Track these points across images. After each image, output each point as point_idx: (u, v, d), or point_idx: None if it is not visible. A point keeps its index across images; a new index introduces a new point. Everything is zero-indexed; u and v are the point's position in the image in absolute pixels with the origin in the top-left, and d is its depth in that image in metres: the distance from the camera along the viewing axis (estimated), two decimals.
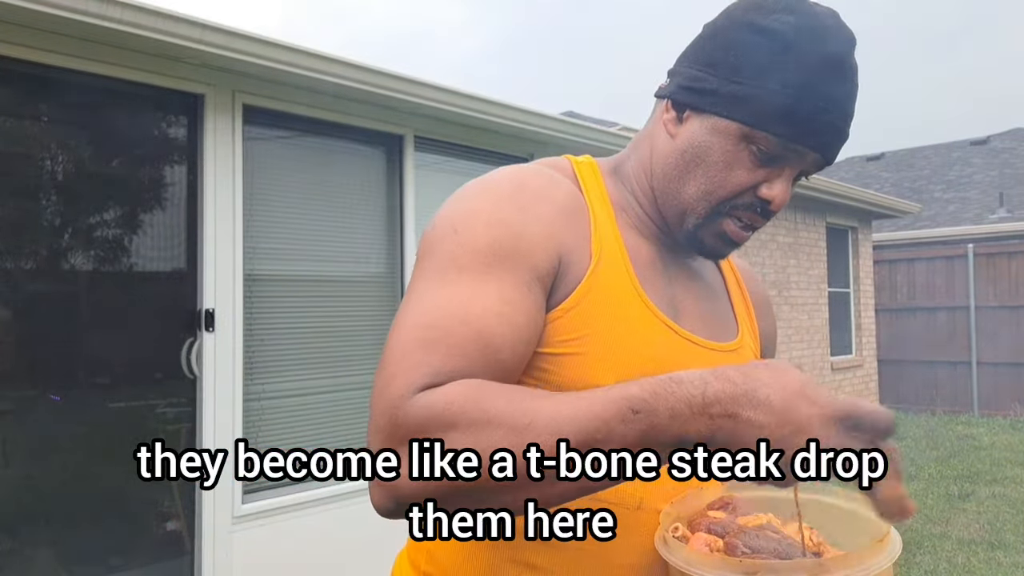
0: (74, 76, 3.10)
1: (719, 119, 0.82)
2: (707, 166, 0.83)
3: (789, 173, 0.83)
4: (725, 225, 0.85)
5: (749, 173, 0.82)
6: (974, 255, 10.24)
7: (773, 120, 0.79)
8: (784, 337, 8.36)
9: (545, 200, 0.82)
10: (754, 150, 0.81)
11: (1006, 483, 6.26)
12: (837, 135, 0.81)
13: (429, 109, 4.10)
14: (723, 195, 0.83)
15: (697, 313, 0.91)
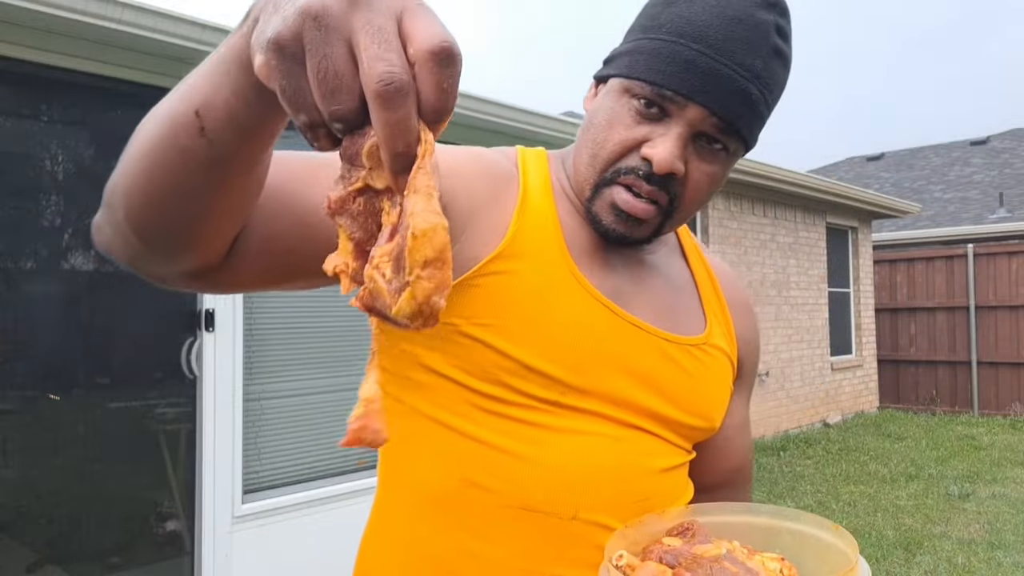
0: (74, 76, 3.10)
1: (610, 80, 0.78)
2: (594, 129, 0.78)
3: (678, 132, 0.74)
4: (615, 194, 0.77)
5: (628, 130, 0.75)
6: (974, 255, 10.24)
7: (644, 68, 0.74)
8: (784, 337, 8.36)
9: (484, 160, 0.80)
10: (634, 104, 0.75)
11: (1006, 483, 6.26)
12: (723, 86, 0.72)
13: None
14: (605, 156, 0.77)
15: (648, 304, 0.83)
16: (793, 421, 8.48)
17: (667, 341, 0.82)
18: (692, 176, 0.76)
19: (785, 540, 0.71)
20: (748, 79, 0.73)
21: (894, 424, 9.21)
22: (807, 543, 0.71)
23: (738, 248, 7.71)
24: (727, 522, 0.74)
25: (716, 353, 0.87)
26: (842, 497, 5.86)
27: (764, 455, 7.29)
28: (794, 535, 0.71)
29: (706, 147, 0.76)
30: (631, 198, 0.76)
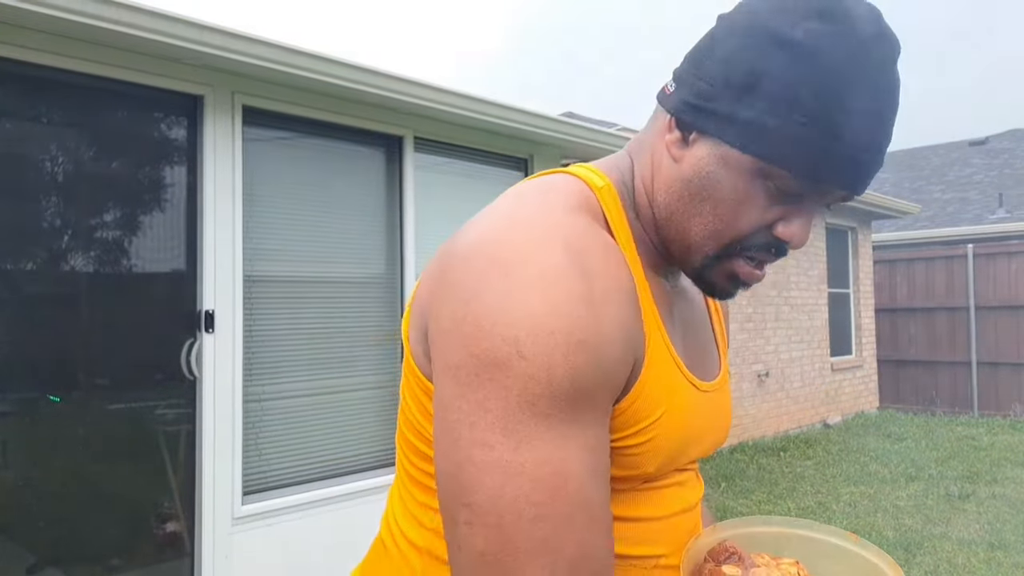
0: (74, 76, 3.10)
1: (730, 149, 0.69)
2: (715, 202, 0.71)
3: (811, 211, 0.72)
4: (736, 266, 0.74)
5: (763, 212, 0.70)
6: (974, 255, 10.24)
7: (795, 159, 0.67)
8: (784, 338, 8.36)
9: (613, 289, 0.64)
10: (771, 187, 0.69)
11: (1006, 483, 6.26)
12: (870, 171, 0.69)
13: (429, 110, 4.10)
14: (733, 235, 0.72)
15: (697, 352, 0.84)
16: (793, 421, 8.48)
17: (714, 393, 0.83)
18: None
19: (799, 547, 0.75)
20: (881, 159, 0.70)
21: (894, 425, 9.21)
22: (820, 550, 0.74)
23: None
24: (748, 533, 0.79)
25: (727, 381, 0.90)
26: (842, 498, 5.85)
27: (764, 455, 7.29)
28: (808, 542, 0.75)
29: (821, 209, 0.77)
30: (754, 270, 0.74)
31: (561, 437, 0.60)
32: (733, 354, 7.59)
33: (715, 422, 0.84)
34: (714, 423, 0.84)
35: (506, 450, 0.59)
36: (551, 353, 0.59)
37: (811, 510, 5.51)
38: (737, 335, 7.66)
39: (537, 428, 0.59)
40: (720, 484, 6.24)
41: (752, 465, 6.89)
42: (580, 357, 0.60)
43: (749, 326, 7.84)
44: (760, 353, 7.99)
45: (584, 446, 0.61)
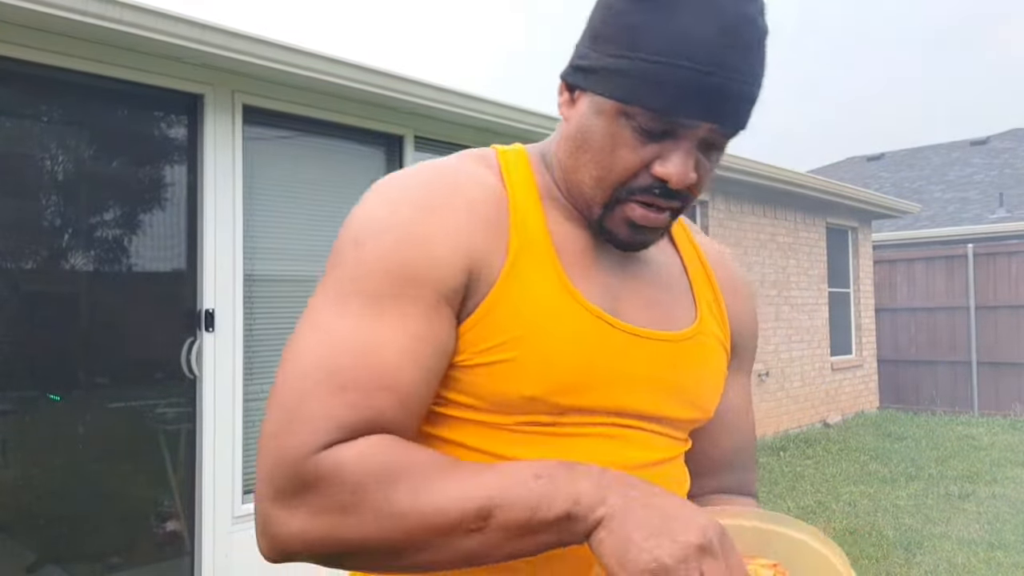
0: (74, 76, 3.10)
1: (596, 97, 0.74)
2: (594, 151, 0.75)
3: (687, 146, 0.73)
4: (629, 211, 0.76)
5: (636, 152, 0.73)
6: (974, 255, 10.24)
7: (645, 93, 0.70)
8: (784, 337, 8.36)
9: (457, 202, 0.75)
10: (635, 126, 0.72)
11: (1006, 483, 6.26)
12: (730, 100, 0.71)
13: (429, 109, 4.10)
14: (614, 180, 0.75)
15: (642, 302, 0.83)
16: (793, 421, 8.48)
17: (661, 341, 0.81)
18: (699, 175, 0.76)
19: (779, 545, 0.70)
20: (751, 83, 0.72)
21: (894, 424, 9.21)
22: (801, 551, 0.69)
23: (738, 248, 7.71)
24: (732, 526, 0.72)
25: (708, 340, 0.87)
26: (842, 497, 5.86)
27: (764, 455, 7.29)
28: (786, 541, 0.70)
29: (709, 146, 0.76)
30: (649, 213, 0.76)
31: (379, 315, 0.69)
32: None
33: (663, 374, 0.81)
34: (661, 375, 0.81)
35: (329, 317, 0.70)
36: (381, 244, 0.71)
37: (811, 509, 5.51)
38: None
39: (360, 305, 0.70)
40: None
41: None
42: (406, 248, 0.71)
43: None
44: (760, 352, 8.00)
45: (402, 330, 0.69)
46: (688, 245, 0.93)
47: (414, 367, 0.69)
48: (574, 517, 0.62)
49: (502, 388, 0.74)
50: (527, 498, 0.62)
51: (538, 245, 0.77)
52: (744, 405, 1.00)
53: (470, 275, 0.73)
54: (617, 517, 0.61)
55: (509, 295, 0.74)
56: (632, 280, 0.83)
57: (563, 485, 0.63)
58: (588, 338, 0.76)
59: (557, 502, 0.62)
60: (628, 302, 0.82)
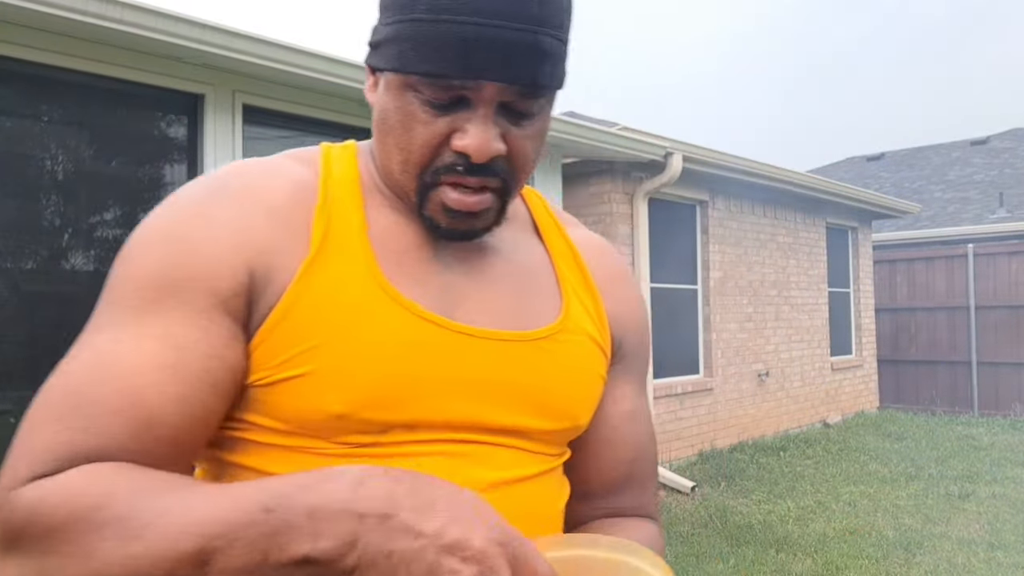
0: (74, 76, 3.10)
1: (383, 75, 0.69)
2: (393, 133, 0.69)
3: (484, 113, 0.66)
4: (443, 195, 0.68)
5: (429, 127, 0.66)
6: (974, 255, 10.24)
7: (414, 58, 0.64)
8: (784, 337, 8.37)
9: (242, 199, 0.68)
10: (422, 99, 0.66)
11: (1006, 483, 6.26)
12: (509, 52, 0.63)
13: None
14: (416, 161, 0.68)
15: (486, 300, 0.73)
16: (793, 421, 8.48)
17: (508, 342, 0.72)
18: (514, 147, 0.68)
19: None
20: (531, 31, 0.64)
21: (894, 424, 9.21)
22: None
23: (738, 248, 7.71)
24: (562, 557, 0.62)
25: (576, 339, 0.77)
26: (842, 497, 5.86)
27: (764, 455, 7.29)
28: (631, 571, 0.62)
29: (517, 113, 0.68)
30: (461, 196, 0.68)
31: (138, 328, 0.61)
32: (733, 353, 7.60)
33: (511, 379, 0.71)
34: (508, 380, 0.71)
35: (86, 338, 0.63)
36: (147, 248, 0.65)
37: (811, 509, 5.51)
38: (737, 335, 7.67)
39: (113, 317, 0.62)
40: (720, 483, 6.24)
41: (752, 464, 6.89)
42: (173, 253, 0.64)
43: (749, 326, 7.84)
44: (760, 353, 8.00)
45: (163, 340, 0.61)
46: (558, 238, 0.83)
47: (174, 382, 0.60)
48: (315, 561, 0.50)
49: (304, 406, 0.64)
50: (254, 539, 0.50)
51: (348, 240, 0.69)
52: (633, 414, 0.85)
53: (253, 276, 0.65)
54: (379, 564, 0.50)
55: (308, 297, 0.66)
56: (477, 277, 0.74)
57: (298, 519, 0.51)
58: (407, 342, 0.67)
59: (292, 543, 0.50)
60: (470, 300, 0.73)
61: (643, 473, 0.85)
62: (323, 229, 0.68)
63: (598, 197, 6.35)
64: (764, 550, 4.64)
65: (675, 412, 6.89)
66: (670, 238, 6.99)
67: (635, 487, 0.84)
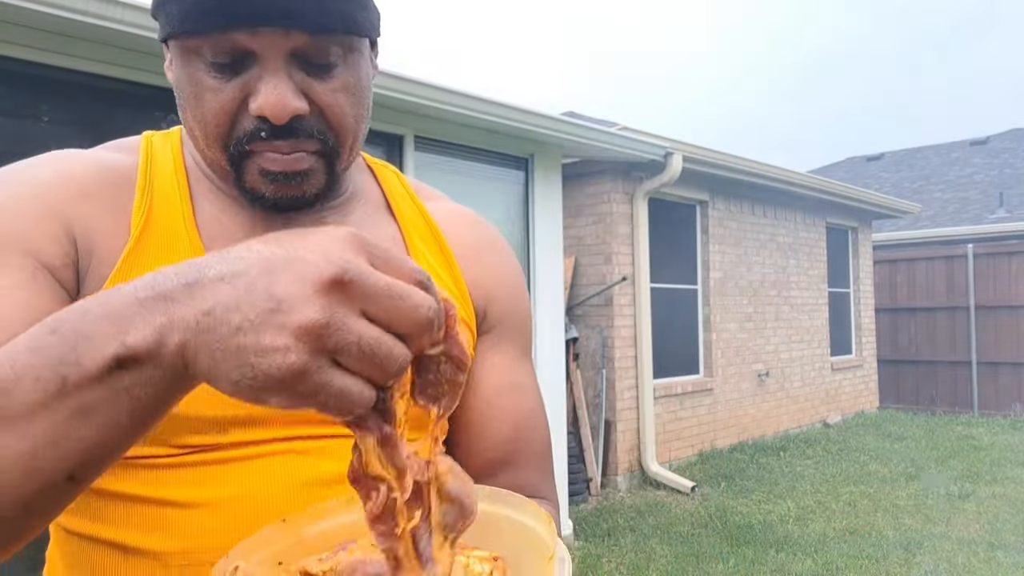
0: (74, 76, 3.10)
1: (170, 44, 0.64)
2: (189, 107, 0.64)
3: (274, 67, 0.61)
4: (259, 162, 0.64)
5: (217, 94, 0.62)
6: (974, 255, 10.24)
7: (180, 18, 0.60)
8: (784, 337, 8.37)
9: (49, 173, 0.65)
10: (206, 63, 0.62)
11: (1006, 483, 6.26)
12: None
13: (429, 109, 4.10)
14: (216, 133, 0.64)
15: None
16: (793, 421, 8.48)
17: None
18: (324, 102, 0.64)
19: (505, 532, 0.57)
20: None
21: (894, 424, 9.21)
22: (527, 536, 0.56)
23: (738, 248, 7.71)
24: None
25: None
26: (842, 497, 5.86)
27: (764, 455, 7.29)
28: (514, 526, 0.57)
29: (316, 64, 0.63)
30: (278, 155, 0.64)
31: None
32: (733, 353, 7.59)
33: None
34: None
35: None
36: None
37: (811, 509, 5.51)
38: (737, 334, 7.67)
39: None
40: (720, 483, 6.25)
41: (752, 464, 6.89)
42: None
43: (749, 325, 7.84)
44: (760, 353, 8.00)
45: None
46: (411, 210, 0.79)
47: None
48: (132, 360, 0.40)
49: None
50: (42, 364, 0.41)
51: (172, 227, 0.66)
52: (512, 388, 0.78)
53: (78, 244, 0.63)
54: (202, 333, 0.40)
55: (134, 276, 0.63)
56: None
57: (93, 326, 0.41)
58: None
59: (92, 351, 0.40)
60: None
61: (529, 450, 0.79)
62: (143, 216, 0.66)
63: (598, 197, 6.35)
64: (764, 550, 4.64)
65: (675, 412, 6.89)
66: (670, 238, 6.99)
67: (521, 465, 0.77)
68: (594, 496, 5.96)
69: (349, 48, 0.65)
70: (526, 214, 4.87)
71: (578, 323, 6.43)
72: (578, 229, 6.47)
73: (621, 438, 6.26)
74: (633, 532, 5.04)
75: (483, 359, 0.78)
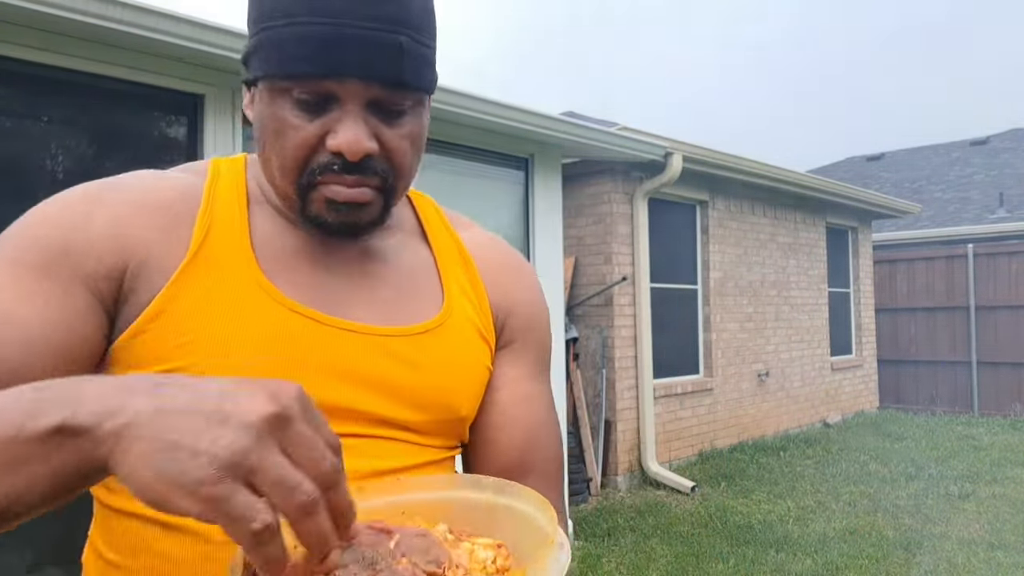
0: (74, 76, 3.10)
1: (256, 87, 0.72)
2: (269, 141, 0.71)
3: (354, 111, 0.69)
4: (325, 192, 0.71)
5: (301, 131, 0.69)
6: (974, 255, 10.24)
7: (278, 63, 0.68)
8: (784, 337, 8.37)
9: (126, 197, 0.72)
10: (292, 102, 0.69)
11: (1006, 483, 6.26)
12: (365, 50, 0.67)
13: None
14: (293, 165, 0.71)
15: (368, 300, 0.77)
16: (793, 421, 8.48)
17: (387, 336, 0.75)
18: (390, 146, 0.72)
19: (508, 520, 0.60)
20: (387, 30, 0.68)
21: (894, 424, 9.21)
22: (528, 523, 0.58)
23: (738, 248, 7.71)
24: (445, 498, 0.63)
25: (459, 331, 0.80)
26: (842, 497, 5.86)
27: (764, 455, 7.29)
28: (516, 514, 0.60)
29: (388, 111, 0.71)
30: (343, 188, 0.71)
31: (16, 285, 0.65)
32: (733, 353, 7.60)
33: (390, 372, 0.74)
34: (387, 373, 0.74)
35: None
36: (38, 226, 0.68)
37: (811, 509, 5.51)
38: (737, 335, 7.67)
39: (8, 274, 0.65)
40: (720, 483, 6.25)
41: (752, 464, 6.90)
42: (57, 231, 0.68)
43: (749, 326, 7.84)
44: (760, 353, 8.00)
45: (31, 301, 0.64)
46: (444, 237, 0.87)
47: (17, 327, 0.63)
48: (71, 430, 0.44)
49: None
50: (15, 413, 0.46)
51: (229, 242, 0.73)
52: (526, 400, 0.85)
53: (129, 266, 0.69)
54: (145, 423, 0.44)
55: (186, 294, 0.69)
56: (359, 280, 0.78)
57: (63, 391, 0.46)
58: (283, 334, 0.70)
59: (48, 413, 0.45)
60: (352, 300, 0.76)
61: (542, 461, 0.84)
62: (204, 231, 0.72)
63: (598, 197, 6.35)
64: (764, 550, 4.64)
65: (675, 412, 6.89)
66: (670, 238, 7.00)
67: (531, 475, 0.81)
68: (594, 496, 5.97)
69: (417, 102, 0.73)
70: (526, 214, 4.87)
71: (578, 323, 6.43)
72: (578, 229, 6.47)
73: (621, 438, 6.26)
74: (633, 532, 5.04)
75: (500, 372, 0.84)
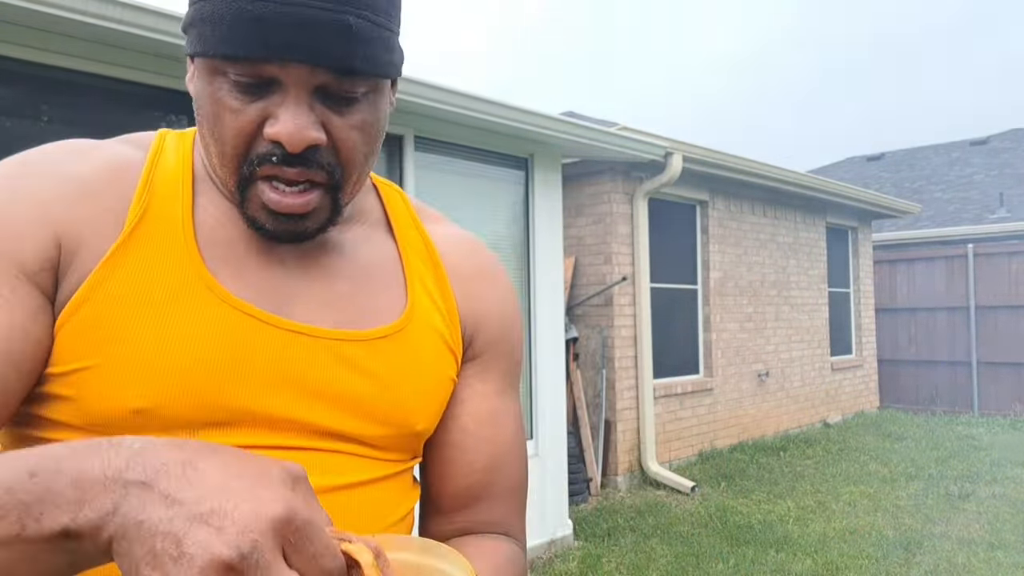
0: (74, 76, 3.10)
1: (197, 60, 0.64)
2: (207, 122, 0.64)
3: (297, 97, 0.62)
4: (262, 195, 0.64)
5: (237, 114, 0.62)
6: (974, 255, 10.24)
7: (214, 40, 0.60)
8: (784, 337, 8.37)
9: (51, 174, 0.64)
10: (230, 83, 0.62)
11: (1006, 483, 6.26)
12: (308, 32, 0.59)
13: (429, 109, 4.10)
14: (232, 152, 0.63)
15: (321, 298, 0.69)
16: (793, 421, 8.48)
17: (341, 341, 0.68)
18: (339, 137, 0.64)
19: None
20: (336, 10, 0.60)
21: (894, 424, 9.21)
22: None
23: (738, 248, 7.71)
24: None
25: (421, 338, 0.73)
26: (842, 497, 5.86)
27: (764, 455, 7.29)
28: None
29: (338, 98, 0.64)
30: (280, 197, 0.64)
31: None
32: (733, 353, 7.59)
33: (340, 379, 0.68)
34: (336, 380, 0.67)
35: None
36: None
37: (811, 509, 5.51)
38: (737, 335, 7.67)
39: None
40: (720, 483, 6.25)
41: (752, 464, 6.90)
42: None
43: (749, 326, 7.84)
44: (760, 353, 8.00)
45: None
46: (411, 232, 0.79)
47: None
48: (76, 535, 0.44)
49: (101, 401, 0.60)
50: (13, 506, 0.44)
51: (168, 225, 0.65)
52: (492, 418, 0.78)
53: (62, 249, 0.62)
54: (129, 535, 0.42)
55: (113, 281, 0.62)
56: (314, 273, 0.71)
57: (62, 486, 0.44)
58: (222, 334, 0.63)
59: (52, 513, 0.44)
60: (301, 298, 0.69)
61: (503, 483, 0.78)
62: (140, 212, 0.65)
63: (598, 197, 6.35)
64: (764, 550, 4.64)
65: (675, 412, 6.89)
66: (670, 238, 7.00)
67: (492, 498, 0.77)
68: (594, 496, 5.97)
69: (373, 88, 0.66)
70: (526, 214, 4.87)
71: (578, 323, 6.43)
72: (578, 229, 6.48)
73: (621, 438, 6.26)
74: (633, 532, 5.04)
75: (466, 385, 0.78)
